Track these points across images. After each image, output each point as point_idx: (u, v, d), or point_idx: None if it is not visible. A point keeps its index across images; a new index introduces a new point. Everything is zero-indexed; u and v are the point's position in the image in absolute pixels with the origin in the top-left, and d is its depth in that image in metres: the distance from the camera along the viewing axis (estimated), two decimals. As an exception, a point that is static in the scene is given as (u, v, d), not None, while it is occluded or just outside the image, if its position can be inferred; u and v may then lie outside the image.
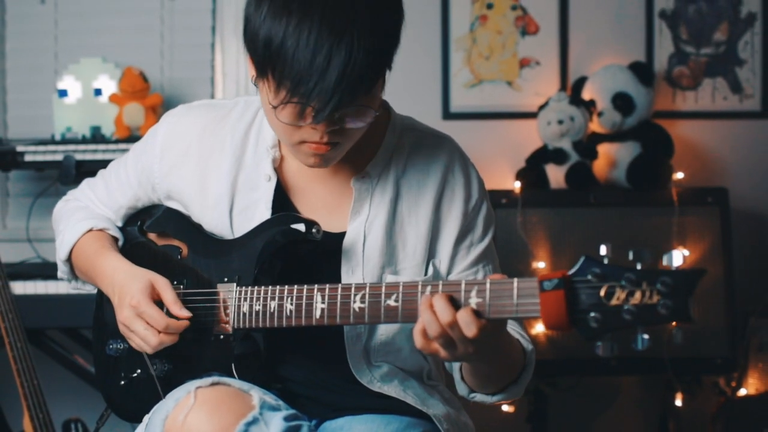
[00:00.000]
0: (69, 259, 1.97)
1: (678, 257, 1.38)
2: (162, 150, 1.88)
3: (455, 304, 1.51)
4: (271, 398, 1.69)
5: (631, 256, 1.40)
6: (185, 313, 1.74)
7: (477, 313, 1.50)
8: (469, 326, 1.49)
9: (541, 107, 3.37)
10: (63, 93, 3.31)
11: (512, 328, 1.79)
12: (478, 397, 1.76)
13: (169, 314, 1.74)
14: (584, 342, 1.45)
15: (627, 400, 3.59)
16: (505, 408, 3.30)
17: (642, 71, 3.35)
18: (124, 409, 1.93)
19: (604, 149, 3.33)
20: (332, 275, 1.77)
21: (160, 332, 1.72)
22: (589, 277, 1.41)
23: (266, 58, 1.59)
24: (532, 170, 3.32)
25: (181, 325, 1.74)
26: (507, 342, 1.67)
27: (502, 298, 1.49)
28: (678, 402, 3.28)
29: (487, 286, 1.50)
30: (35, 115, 3.54)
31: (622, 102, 3.30)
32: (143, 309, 1.73)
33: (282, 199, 1.82)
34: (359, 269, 1.77)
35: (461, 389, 1.78)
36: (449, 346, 1.53)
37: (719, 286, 3.19)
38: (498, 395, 1.76)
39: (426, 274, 1.80)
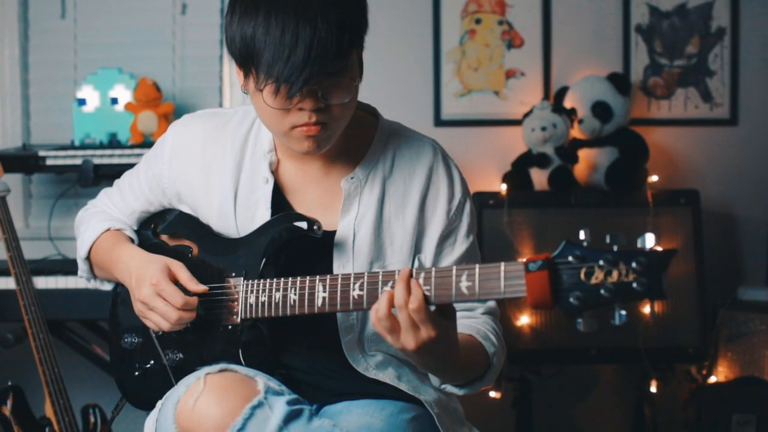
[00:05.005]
0: (88, 258, 1.98)
1: (651, 239, 1.39)
2: (170, 157, 1.90)
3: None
4: (275, 384, 1.69)
5: (608, 239, 1.42)
6: (202, 288, 1.76)
7: (426, 300, 1.52)
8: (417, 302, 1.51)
9: (526, 115, 3.37)
10: (82, 102, 3.32)
11: (480, 329, 1.79)
12: (448, 387, 1.77)
13: (185, 293, 1.75)
14: (566, 323, 1.45)
15: (606, 387, 3.59)
16: (492, 394, 3.30)
17: (619, 81, 3.35)
18: (139, 398, 1.93)
19: (584, 154, 3.34)
20: (325, 271, 1.78)
21: (178, 309, 1.73)
22: (570, 258, 1.42)
23: (245, 54, 1.61)
24: (518, 173, 3.32)
25: (195, 301, 1.74)
26: (459, 350, 1.65)
27: (490, 281, 1.50)
28: (653, 389, 3.27)
29: (476, 270, 1.51)
30: (56, 122, 3.54)
31: (600, 110, 3.31)
32: (163, 287, 1.74)
33: (279, 199, 1.83)
34: (349, 264, 1.78)
35: (433, 380, 1.78)
36: (408, 328, 1.52)
37: (691, 281, 3.20)
38: (465, 388, 1.76)
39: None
